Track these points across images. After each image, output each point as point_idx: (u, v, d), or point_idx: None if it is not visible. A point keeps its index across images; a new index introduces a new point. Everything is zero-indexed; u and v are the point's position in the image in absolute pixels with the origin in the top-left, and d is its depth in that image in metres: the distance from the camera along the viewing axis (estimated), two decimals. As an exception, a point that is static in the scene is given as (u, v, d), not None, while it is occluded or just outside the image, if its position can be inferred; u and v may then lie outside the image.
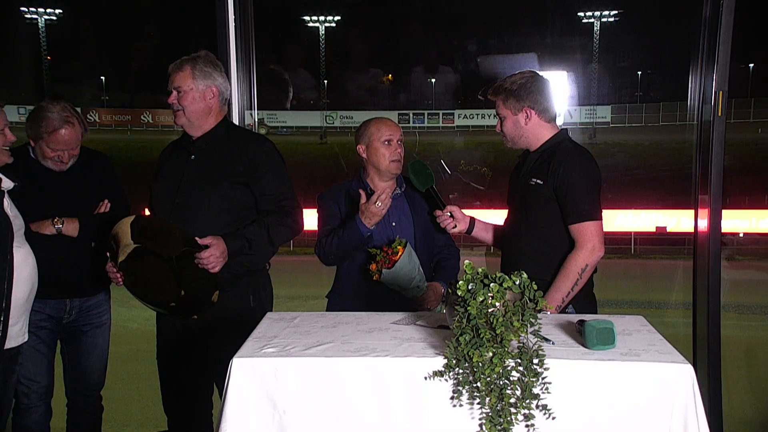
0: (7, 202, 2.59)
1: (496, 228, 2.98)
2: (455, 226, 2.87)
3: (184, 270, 2.63)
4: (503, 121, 2.75)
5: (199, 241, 2.61)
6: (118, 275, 2.72)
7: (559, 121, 2.83)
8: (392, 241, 2.83)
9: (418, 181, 2.89)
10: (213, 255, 2.61)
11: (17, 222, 2.62)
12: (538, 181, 2.65)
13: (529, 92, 2.68)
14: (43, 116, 2.82)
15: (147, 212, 2.97)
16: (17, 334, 2.62)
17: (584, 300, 2.64)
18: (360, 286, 2.88)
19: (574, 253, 2.59)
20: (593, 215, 2.60)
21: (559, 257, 2.62)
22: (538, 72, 2.75)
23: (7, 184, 2.60)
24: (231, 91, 3.38)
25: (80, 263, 2.93)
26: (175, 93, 2.77)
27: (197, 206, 2.73)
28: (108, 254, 2.72)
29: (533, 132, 2.71)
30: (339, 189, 2.98)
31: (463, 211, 2.90)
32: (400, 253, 2.75)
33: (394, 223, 2.91)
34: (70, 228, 2.85)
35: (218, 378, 2.70)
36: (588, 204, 2.60)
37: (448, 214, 2.87)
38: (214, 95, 2.80)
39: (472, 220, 2.94)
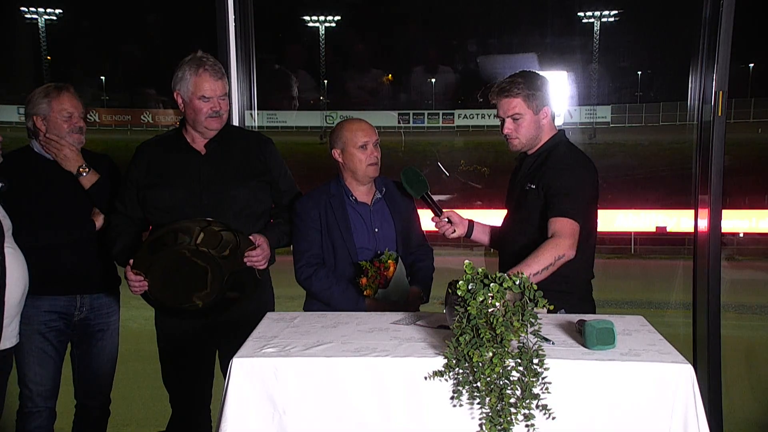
0: None
1: (493, 229, 2.94)
2: (454, 231, 2.82)
3: (228, 265, 2.64)
4: (519, 121, 2.64)
5: (252, 238, 2.66)
6: (145, 282, 2.63)
7: (559, 121, 2.82)
8: (380, 254, 2.77)
9: (412, 188, 2.82)
10: (265, 252, 2.68)
11: (6, 223, 2.63)
12: (532, 185, 2.62)
13: (546, 91, 2.66)
14: (38, 91, 2.89)
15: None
16: (10, 335, 2.63)
17: (581, 305, 2.58)
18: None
19: (555, 240, 2.45)
20: (573, 215, 2.50)
21: None
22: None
23: None
24: (230, 90, 3.40)
25: (87, 257, 2.94)
26: (218, 101, 2.75)
27: (227, 205, 2.75)
28: (132, 262, 2.62)
29: (545, 131, 2.68)
30: (319, 194, 2.87)
31: (464, 212, 2.87)
32: (391, 268, 2.70)
33: (376, 229, 2.85)
34: (88, 179, 2.90)
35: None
36: (571, 204, 2.51)
37: (446, 219, 2.82)
38: None
39: (471, 223, 2.89)
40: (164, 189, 2.76)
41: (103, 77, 35.03)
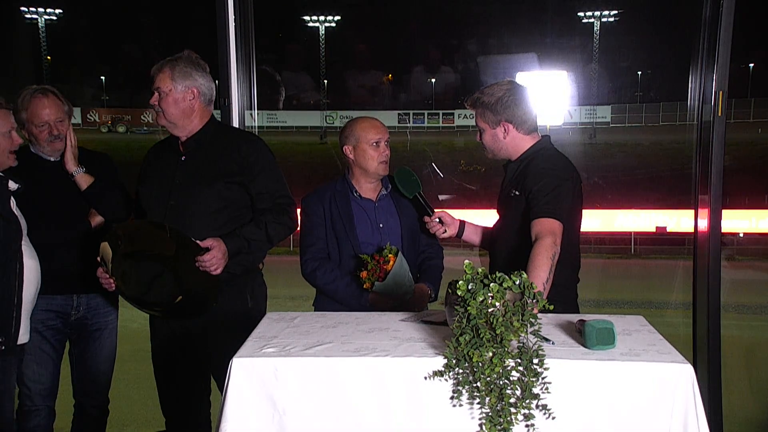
0: (13, 203, 2.66)
1: (484, 231, 2.94)
2: (445, 231, 2.84)
3: (183, 271, 2.61)
4: (482, 134, 2.72)
5: (201, 243, 2.59)
6: (111, 280, 2.71)
7: (559, 122, 2.82)
8: (382, 248, 2.79)
9: (404, 188, 2.85)
10: (215, 257, 2.59)
11: (22, 222, 2.69)
12: (517, 192, 2.63)
13: (506, 106, 2.63)
14: (18, 100, 2.90)
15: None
16: (25, 331, 2.68)
17: (566, 312, 2.53)
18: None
19: (540, 242, 2.42)
20: (554, 214, 2.48)
21: None
22: (516, 82, 2.71)
23: (12, 185, 2.66)
24: (231, 90, 3.40)
25: (83, 256, 2.93)
26: (156, 95, 2.74)
27: (192, 207, 2.71)
28: (99, 259, 2.71)
29: (512, 145, 2.68)
30: (324, 190, 2.92)
31: (455, 212, 2.88)
32: (391, 262, 2.71)
33: (381, 225, 2.89)
34: (84, 179, 2.92)
35: (219, 378, 2.72)
36: (551, 205, 2.49)
37: (437, 219, 2.84)
38: (195, 96, 2.76)
39: (462, 223, 2.90)
40: (145, 188, 2.84)
41: (103, 77, 35.07)
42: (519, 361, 1.83)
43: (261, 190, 2.78)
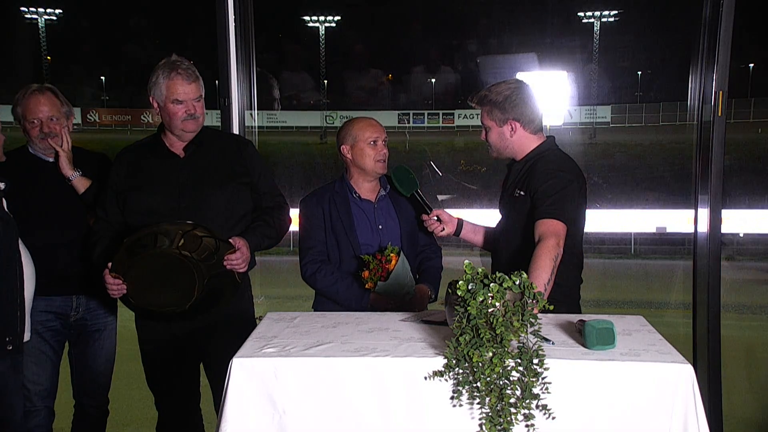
0: (4, 203, 2.65)
1: (487, 231, 2.95)
2: (443, 229, 2.84)
3: (209, 271, 2.56)
4: (488, 132, 2.72)
5: (232, 241, 2.60)
6: (123, 286, 2.57)
7: (559, 122, 2.83)
8: (384, 248, 2.79)
9: (402, 186, 2.86)
10: (244, 255, 2.62)
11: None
12: (522, 192, 2.63)
13: (514, 105, 2.64)
14: (16, 96, 2.90)
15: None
16: (27, 329, 2.69)
17: (569, 312, 2.52)
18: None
19: (543, 242, 2.43)
20: (558, 215, 2.49)
21: None
22: (523, 81, 2.71)
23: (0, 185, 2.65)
24: (231, 90, 3.41)
25: (83, 257, 2.93)
26: (193, 104, 2.72)
27: (205, 209, 2.72)
28: (109, 265, 2.58)
29: (518, 143, 2.69)
30: (323, 192, 2.92)
31: (456, 212, 2.88)
32: (393, 262, 2.71)
33: (380, 226, 2.89)
34: (82, 182, 2.91)
35: (217, 378, 2.72)
36: (556, 206, 2.51)
37: (435, 217, 2.84)
38: None
39: (460, 221, 2.90)
40: (143, 193, 2.74)
41: (103, 77, 35.05)
42: (519, 361, 1.83)
43: (265, 189, 2.87)
